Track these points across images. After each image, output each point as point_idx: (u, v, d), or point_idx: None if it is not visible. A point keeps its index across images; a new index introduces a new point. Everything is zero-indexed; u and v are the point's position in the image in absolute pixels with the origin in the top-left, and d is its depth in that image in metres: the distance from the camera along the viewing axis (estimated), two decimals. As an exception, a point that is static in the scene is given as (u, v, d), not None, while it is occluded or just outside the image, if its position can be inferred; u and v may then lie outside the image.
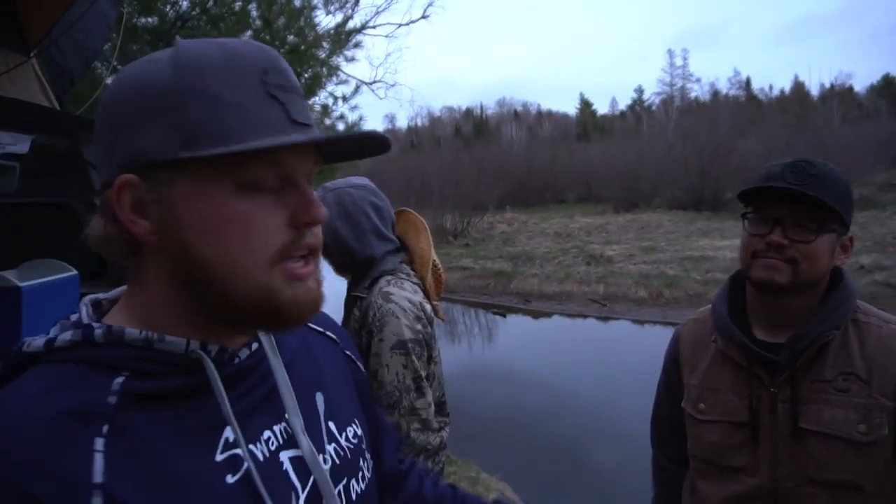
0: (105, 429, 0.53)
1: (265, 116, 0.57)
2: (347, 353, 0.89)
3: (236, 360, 0.64)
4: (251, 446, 0.62)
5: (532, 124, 75.53)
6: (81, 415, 0.53)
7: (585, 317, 11.64)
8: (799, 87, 62.53)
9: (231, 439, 0.61)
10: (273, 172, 0.58)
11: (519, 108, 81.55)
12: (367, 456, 0.80)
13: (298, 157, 0.60)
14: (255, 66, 0.58)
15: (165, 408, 0.58)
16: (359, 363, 0.91)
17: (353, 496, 0.72)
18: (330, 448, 0.72)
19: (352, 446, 0.76)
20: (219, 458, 0.59)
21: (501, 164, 30.33)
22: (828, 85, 59.31)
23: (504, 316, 12.03)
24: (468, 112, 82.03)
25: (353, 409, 0.82)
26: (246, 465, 0.60)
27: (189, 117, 0.55)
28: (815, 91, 60.25)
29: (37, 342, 0.58)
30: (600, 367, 8.39)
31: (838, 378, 1.23)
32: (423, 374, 1.64)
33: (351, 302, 1.76)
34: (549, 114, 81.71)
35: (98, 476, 0.51)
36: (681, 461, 1.52)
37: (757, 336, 1.34)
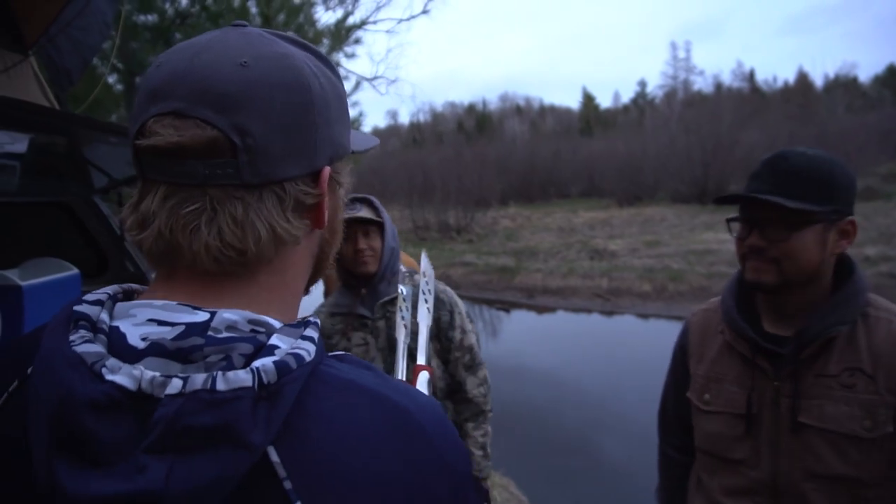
0: None
1: None
2: None
3: None
4: None
5: (535, 119, 75.39)
6: None
7: (589, 311, 11.63)
8: (803, 77, 62.24)
9: None
10: None
11: (521, 103, 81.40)
12: None
13: None
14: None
15: None
16: None
17: None
18: None
19: None
20: None
21: (504, 159, 30.27)
22: (832, 75, 59.04)
23: (508, 311, 12.02)
24: (470, 107, 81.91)
25: None
26: None
27: (349, 119, 0.65)
28: (819, 82, 59.96)
29: (308, 354, 0.52)
30: (605, 362, 8.38)
31: (843, 373, 1.22)
32: None
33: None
34: (552, 108, 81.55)
35: None
36: (686, 450, 1.52)
37: (765, 328, 1.34)
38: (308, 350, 0.52)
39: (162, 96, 0.52)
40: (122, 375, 0.46)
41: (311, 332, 0.55)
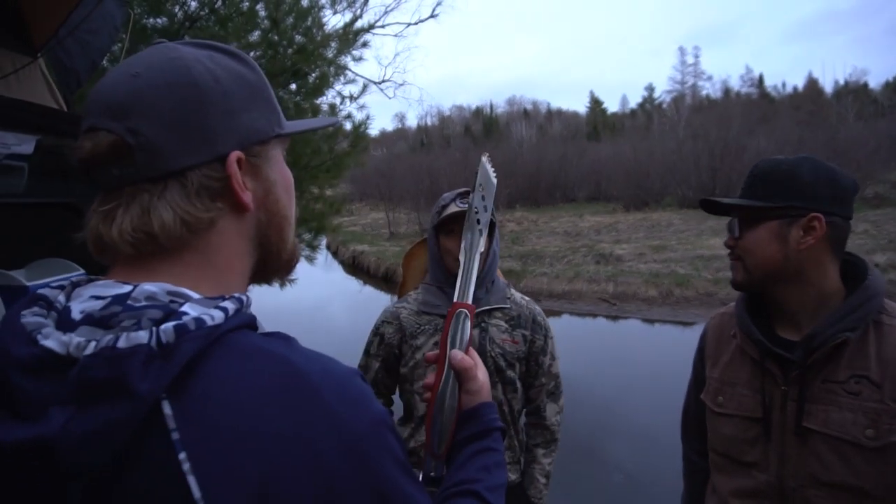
0: None
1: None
2: None
3: None
4: None
5: (542, 123, 75.38)
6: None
7: (595, 316, 11.59)
8: (812, 84, 62.02)
9: None
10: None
11: (529, 107, 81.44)
12: None
13: None
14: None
15: None
16: None
17: None
18: None
19: None
20: None
21: (511, 163, 30.24)
22: (842, 82, 58.74)
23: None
24: (478, 111, 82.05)
25: None
26: None
27: (273, 104, 0.71)
28: (829, 88, 59.71)
29: (217, 316, 0.57)
30: (610, 366, 8.35)
31: (850, 380, 1.21)
32: None
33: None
34: (559, 112, 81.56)
35: None
36: (707, 455, 1.53)
37: (778, 332, 1.35)
38: (213, 316, 0.57)
39: (85, 116, 0.63)
40: (52, 340, 0.53)
41: (227, 304, 0.60)
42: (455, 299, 1.03)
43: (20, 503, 0.52)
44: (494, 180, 1.24)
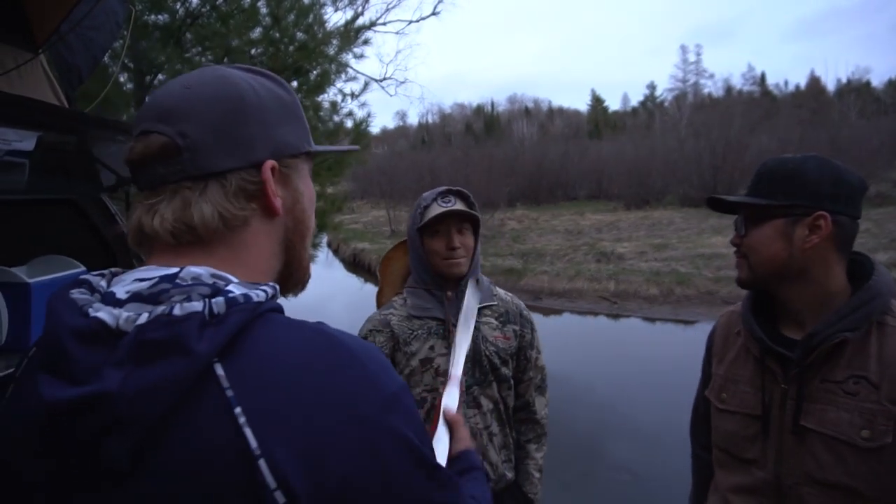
0: None
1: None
2: None
3: None
4: None
5: (543, 121, 75.32)
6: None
7: (596, 314, 11.59)
8: (815, 82, 61.92)
9: None
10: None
11: (530, 105, 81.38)
12: None
13: None
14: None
15: None
16: None
17: None
18: None
19: None
20: None
21: (512, 161, 30.25)
22: (844, 80, 58.64)
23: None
24: (479, 109, 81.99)
25: None
26: None
27: (304, 125, 0.80)
28: (831, 86, 59.60)
29: (258, 295, 0.63)
30: (611, 365, 8.35)
31: (849, 380, 1.21)
32: None
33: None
34: (561, 110, 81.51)
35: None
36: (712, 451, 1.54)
37: (782, 331, 1.35)
38: (258, 294, 0.63)
39: (138, 122, 0.70)
40: (103, 313, 0.58)
41: (267, 288, 0.66)
42: (450, 370, 1.22)
43: (66, 461, 0.56)
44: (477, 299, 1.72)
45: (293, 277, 0.80)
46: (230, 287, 0.63)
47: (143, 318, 0.57)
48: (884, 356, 1.20)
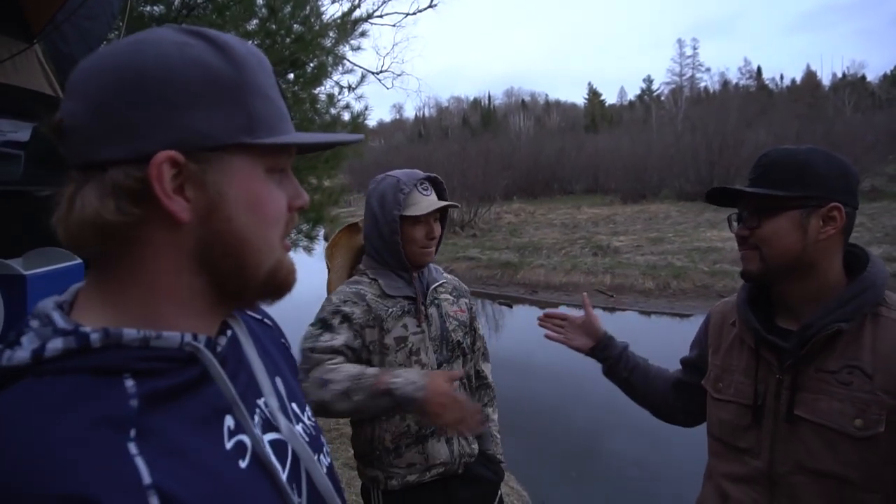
0: (133, 433, 0.53)
1: (285, 112, 0.66)
2: (283, 340, 0.92)
3: (218, 349, 0.66)
4: (253, 430, 0.65)
5: (540, 114, 75.25)
6: (109, 421, 0.52)
7: (593, 307, 11.60)
8: (810, 76, 61.96)
9: (232, 427, 0.63)
10: (287, 160, 0.67)
11: (527, 98, 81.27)
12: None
13: (293, 151, 0.69)
14: (269, 67, 0.66)
15: (177, 404, 0.58)
16: (291, 349, 0.94)
17: (324, 469, 0.75)
18: (298, 427, 0.75)
19: (313, 423, 0.81)
20: (228, 445, 0.61)
21: (509, 155, 30.18)
22: (840, 74, 58.74)
23: (511, 306, 12.01)
24: (476, 102, 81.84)
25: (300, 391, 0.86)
26: (250, 449, 0.63)
27: (250, 108, 0.61)
28: (826, 81, 59.70)
29: (20, 354, 0.53)
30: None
31: (843, 370, 1.22)
32: None
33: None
34: (557, 104, 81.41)
35: (146, 477, 0.51)
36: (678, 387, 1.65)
37: (778, 322, 1.37)
38: (11, 356, 0.53)
39: None
40: None
41: (55, 342, 0.54)
42: None
43: None
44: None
45: (240, 293, 0.66)
46: (25, 335, 0.55)
47: None
48: (878, 347, 1.21)
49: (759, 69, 66.75)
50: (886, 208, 16.23)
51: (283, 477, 0.66)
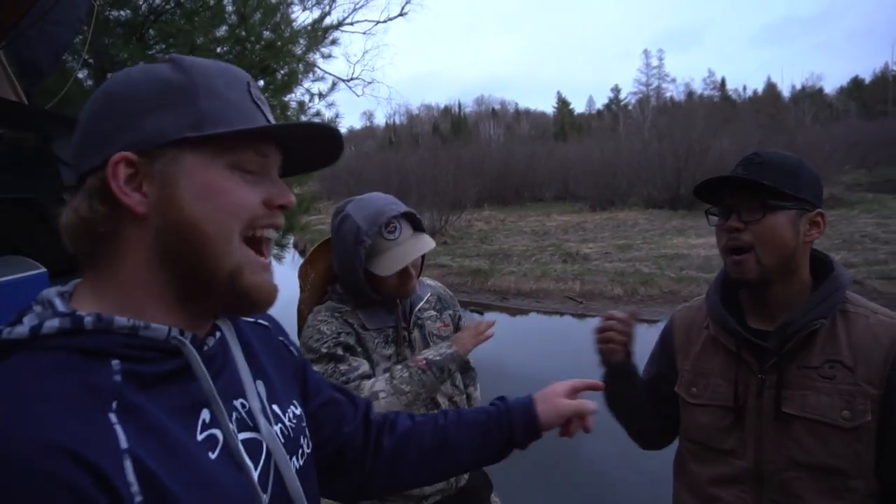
0: (115, 405, 0.58)
1: (252, 113, 0.71)
2: (281, 338, 0.96)
3: (205, 348, 0.71)
4: (227, 425, 0.69)
5: (510, 122, 75.76)
6: (93, 391, 0.58)
7: (562, 314, 11.71)
8: (771, 88, 63.68)
9: (207, 420, 0.67)
10: (255, 160, 0.71)
11: (497, 106, 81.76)
12: (307, 432, 0.88)
13: (274, 155, 0.74)
14: (242, 77, 0.73)
15: (157, 391, 0.63)
16: (292, 347, 0.98)
17: (296, 470, 0.80)
18: (276, 428, 0.78)
19: (293, 425, 0.84)
20: (200, 437, 0.65)
21: (479, 163, 30.31)
22: (799, 86, 60.47)
23: (482, 313, 12.03)
24: (446, 110, 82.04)
25: (291, 392, 0.89)
26: (221, 443, 0.67)
27: (198, 106, 0.67)
28: (787, 92, 61.42)
29: (19, 329, 0.60)
30: (578, 364, 8.43)
31: (824, 365, 1.27)
32: None
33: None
34: (527, 112, 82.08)
35: (124, 442, 0.56)
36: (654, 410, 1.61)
37: (749, 324, 1.39)
38: (11, 330, 0.61)
39: None
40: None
41: (53, 321, 0.61)
42: None
43: None
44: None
45: (214, 289, 0.69)
46: (27, 315, 0.63)
47: None
48: (854, 340, 1.27)
49: (723, 80, 68.39)
50: (843, 216, 16.74)
51: (255, 474, 0.70)
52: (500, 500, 2.11)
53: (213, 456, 0.66)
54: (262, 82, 5.95)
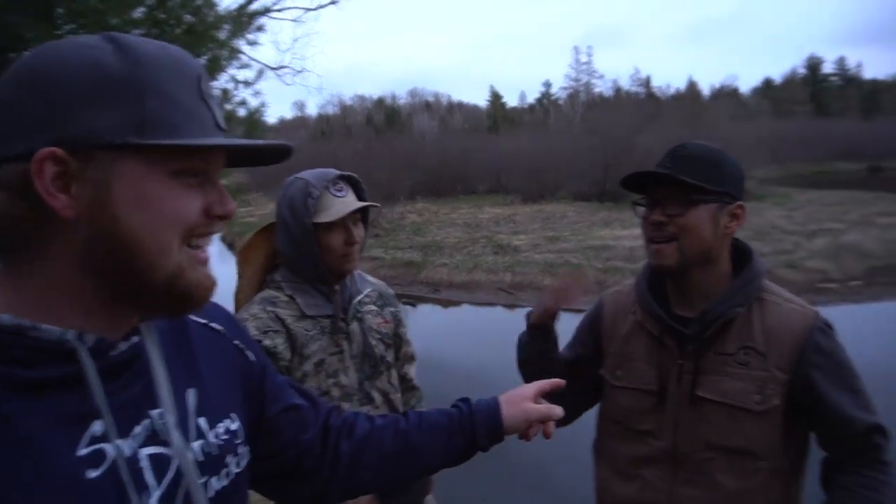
0: None
1: (201, 117, 0.65)
2: (236, 342, 0.88)
3: (113, 352, 0.65)
4: (119, 441, 0.63)
5: (444, 115, 75.95)
6: None
7: (493, 305, 11.87)
8: (693, 86, 66.54)
9: (98, 433, 0.61)
10: (199, 166, 0.66)
11: (430, 99, 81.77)
12: (240, 450, 0.81)
13: (218, 157, 0.69)
14: (193, 72, 0.66)
15: (39, 397, 0.58)
16: (249, 351, 0.91)
17: (212, 493, 0.73)
18: (196, 444, 0.72)
19: (221, 442, 0.78)
20: (81, 452, 0.60)
21: (413, 155, 30.21)
22: (717, 86, 63.53)
23: (414, 305, 12.03)
24: (380, 101, 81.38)
25: (231, 403, 0.82)
26: (110, 460, 0.61)
27: (144, 108, 0.60)
28: (706, 91, 64.36)
29: None
30: (510, 353, 8.56)
31: (739, 352, 1.33)
32: None
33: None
34: (461, 105, 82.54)
35: None
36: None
37: (675, 311, 1.44)
38: None
39: None
40: None
41: None
42: None
43: None
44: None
45: (146, 294, 0.65)
46: None
47: None
48: (767, 327, 1.33)
49: (648, 78, 70.89)
50: (755, 209, 17.71)
51: (156, 494, 0.65)
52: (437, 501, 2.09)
53: (94, 474, 0.60)
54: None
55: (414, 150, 31.92)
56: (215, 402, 0.79)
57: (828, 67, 70.91)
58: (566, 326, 1.62)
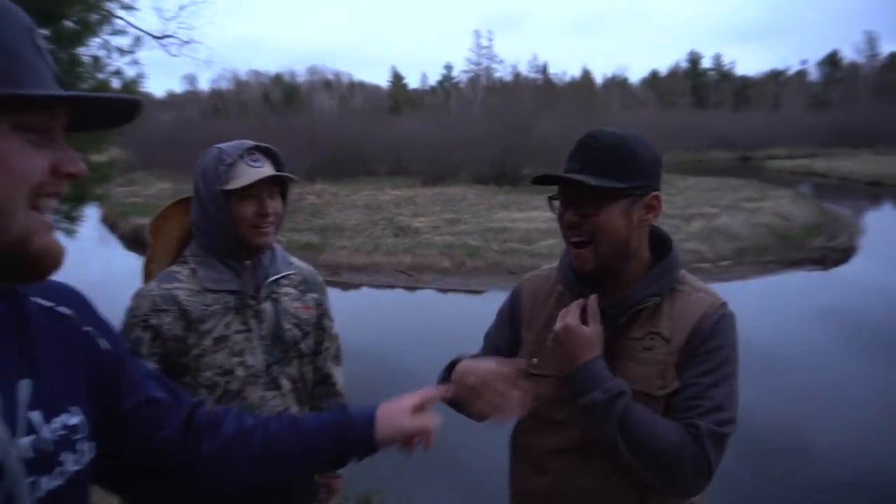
0: None
1: (39, 69, 0.63)
2: (87, 329, 0.82)
3: None
4: None
5: (344, 94, 74.48)
6: None
7: (393, 287, 11.89)
8: (587, 75, 69.17)
9: None
10: (44, 122, 0.63)
11: (331, 77, 79.80)
12: (80, 447, 0.75)
13: (61, 114, 0.65)
14: (25, 22, 0.63)
15: None
16: (102, 339, 0.84)
17: (42, 493, 0.68)
18: (26, 440, 0.67)
19: (57, 439, 0.72)
20: None
21: (312, 134, 29.45)
22: (609, 75, 66.48)
23: (313, 289, 11.83)
24: (277, 77, 78.44)
25: (74, 396, 0.76)
26: None
27: None
28: (599, 80, 67.17)
29: None
30: (410, 335, 8.62)
31: (646, 337, 1.34)
32: None
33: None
34: (362, 85, 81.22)
35: None
36: None
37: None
38: None
39: None
40: None
41: None
42: None
43: None
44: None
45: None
46: None
47: None
48: (674, 314, 1.35)
49: (545, 65, 72.87)
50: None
51: None
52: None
53: None
54: (45, 32, 5.16)
55: (313, 130, 31.12)
56: (53, 395, 0.73)
57: (707, 63, 75.84)
58: (463, 307, 1.56)
